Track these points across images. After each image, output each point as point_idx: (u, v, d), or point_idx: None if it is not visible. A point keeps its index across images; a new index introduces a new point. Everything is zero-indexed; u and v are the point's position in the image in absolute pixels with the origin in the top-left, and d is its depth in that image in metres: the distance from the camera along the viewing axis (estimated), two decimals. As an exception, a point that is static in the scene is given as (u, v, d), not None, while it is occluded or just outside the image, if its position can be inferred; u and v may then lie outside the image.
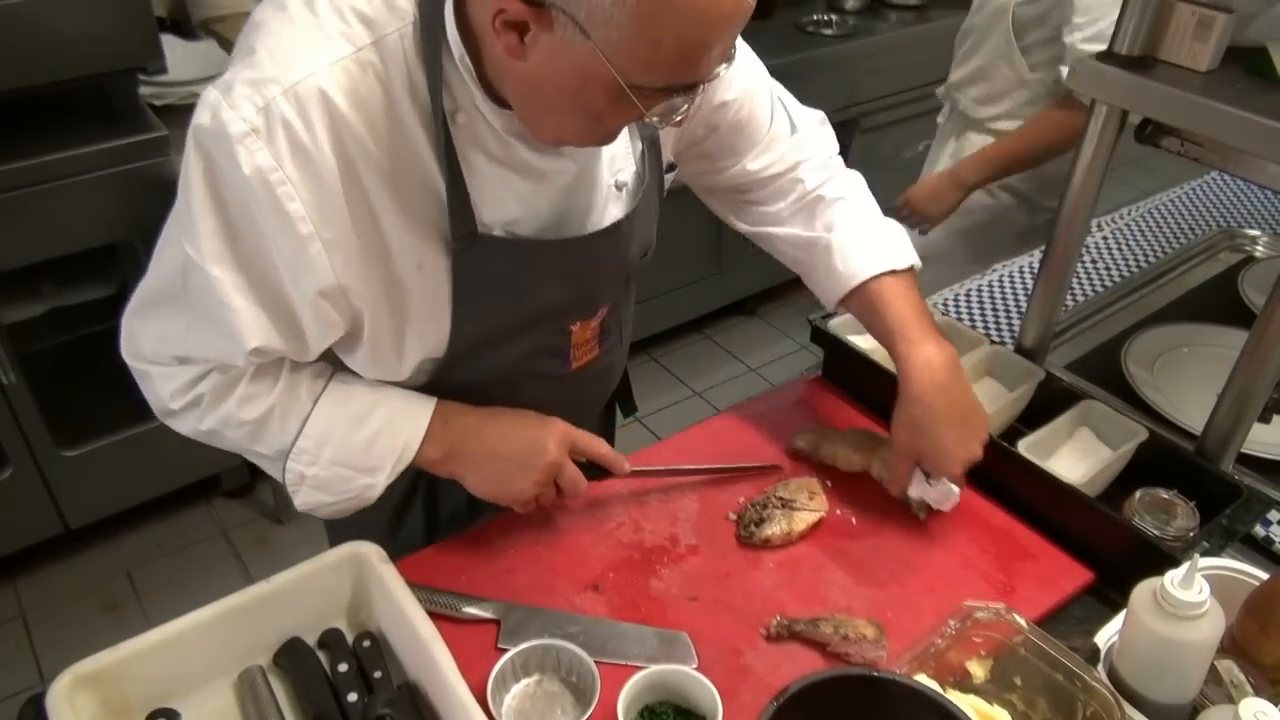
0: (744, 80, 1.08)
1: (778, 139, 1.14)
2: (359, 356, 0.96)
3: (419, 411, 0.98)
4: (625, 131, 0.99)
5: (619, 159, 1.01)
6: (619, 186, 1.01)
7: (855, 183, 1.20)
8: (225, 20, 2.43)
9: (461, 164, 0.87)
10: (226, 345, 0.88)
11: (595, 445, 1.04)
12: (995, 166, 1.85)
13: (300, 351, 0.92)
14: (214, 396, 0.94)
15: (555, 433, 1.00)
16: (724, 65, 0.80)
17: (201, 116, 0.80)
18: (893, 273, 1.12)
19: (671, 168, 1.13)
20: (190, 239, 0.84)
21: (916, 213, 1.95)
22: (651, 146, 1.04)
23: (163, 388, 0.96)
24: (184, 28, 2.40)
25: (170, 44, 2.10)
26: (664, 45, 0.73)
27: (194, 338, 0.91)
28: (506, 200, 0.92)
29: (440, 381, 1.01)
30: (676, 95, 0.80)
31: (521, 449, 0.99)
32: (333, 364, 1.00)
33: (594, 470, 1.05)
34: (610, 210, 1.02)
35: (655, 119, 0.82)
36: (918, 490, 1.10)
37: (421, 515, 1.18)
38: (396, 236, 0.87)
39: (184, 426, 0.99)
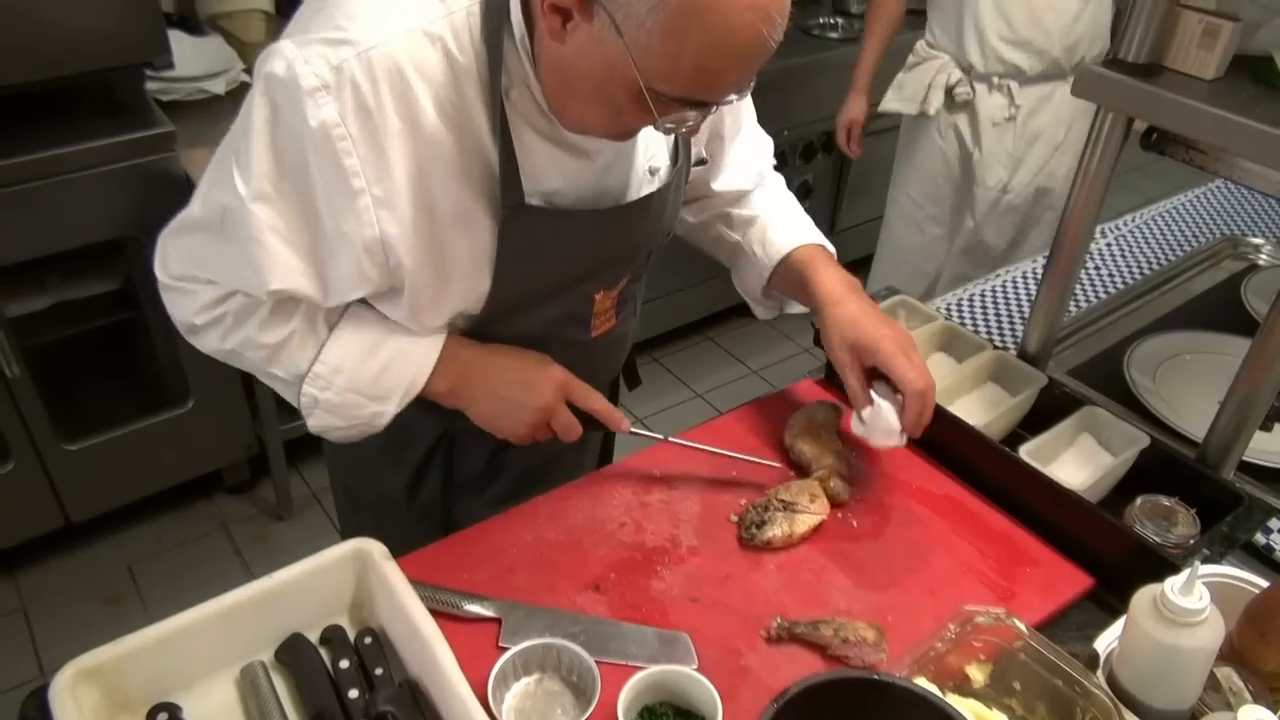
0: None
1: (752, 151, 1.25)
2: (400, 307, 1.00)
3: (429, 345, 1.03)
4: None
5: (653, 145, 1.07)
6: (652, 171, 1.08)
7: (781, 180, 1.32)
8: (232, 16, 2.44)
9: (513, 137, 0.92)
10: (251, 279, 0.94)
11: (592, 399, 1.08)
12: None
13: (319, 300, 0.97)
14: (237, 318, 0.99)
15: (550, 378, 1.05)
16: (737, 94, 0.86)
17: (275, 65, 0.84)
18: (820, 247, 1.23)
19: (701, 162, 1.19)
20: (242, 174, 0.89)
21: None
22: (684, 136, 1.09)
23: (189, 303, 1.01)
24: (191, 23, 2.40)
25: (177, 39, 2.11)
26: (684, 60, 0.79)
27: (223, 265, 0.96)
28: (551, 173, 0.98)
29: (472, 338, 1.06)
30: (689, 108, 0.86)
31: (516, 391, 1.04)
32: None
33: (592, 423, 1.09)
34: (643, 191, 1.08)
35: (667, 125, 0.87)
36: (869, 416, 1.08)
37: (439, 478, 1.21)
38: (449, 198, 0.93)
39: (207, 343, 1.04)
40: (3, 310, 1.95)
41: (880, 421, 1.07)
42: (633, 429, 1.12)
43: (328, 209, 0.89)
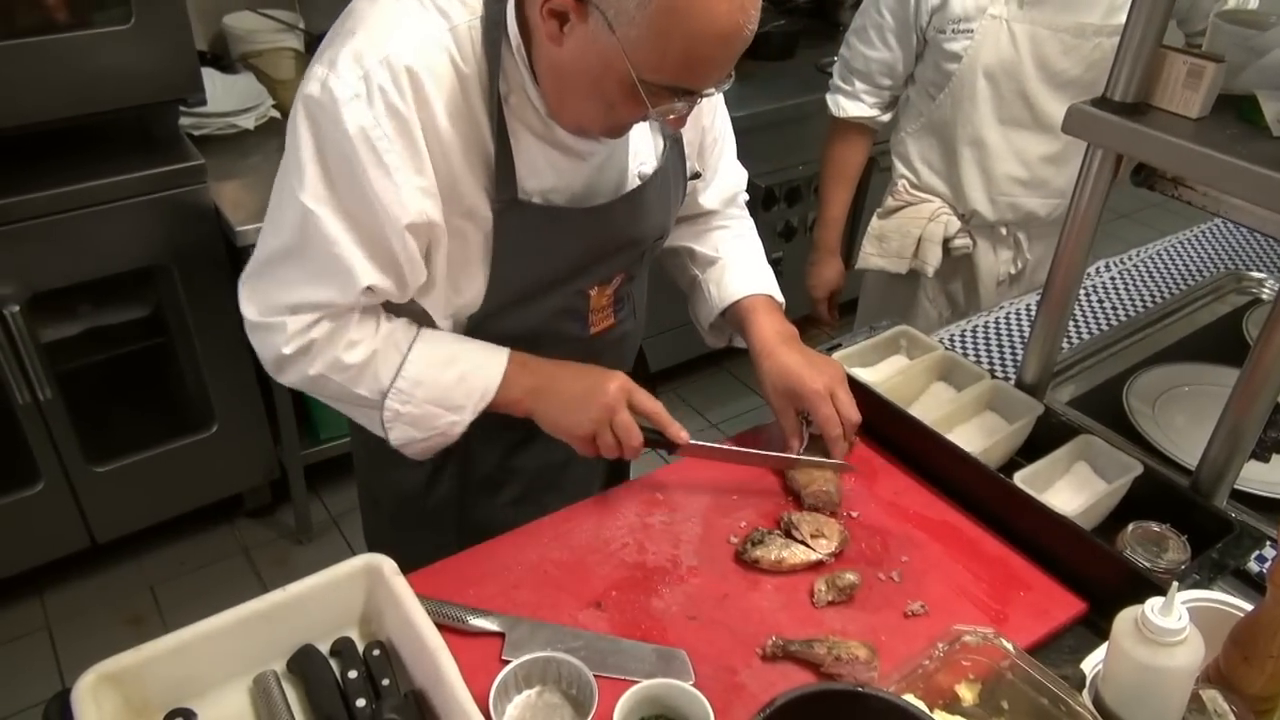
0: (723, 118, 1.31)
1: (729, 174, 1.36)
2: (411, 305, 1.11)
3: (498, 357, 1.12)
4: (647, 128, 1.16)
5: (642, 153, 1.17)
6: (641, 177, 1.17)
7: (750, 224, 1.41)
8: (263, 55, 2.52)
9: (510, 139, 1.02)
10: (342, 286, 1.02)
11: (652, 404, 1.13)
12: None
13: (401, 290, 1.06)
14: (324, 342, 1.06)
15: (615, 379, 1.12)
16: (721, 85, 0.97)
17: (310, 87, 0.96)
18: (767, 297, 1.32)
19: (696, 175, 1.27)
20: (305, 191, 0.98)
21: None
22: (674, 145, 1.19)
23: (277, 338, 1.06)
24: (224, 62, 2.50)
25: (210, 77, 2.19)
26: (670, 51, 0.90)
27: (311, 283, 1.03)
28: (545, 172, 1.07)
29: (474, 336, 1.14)
30: (677, 99, 0.95)
31: (584, 389, 1.11)
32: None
33: (651, 434, 1.15)
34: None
35: (656, 117, 0.97)
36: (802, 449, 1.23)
37: (455, 476, 1.27)
38: (458, 195, 1.03)
39: (294, 375, 1.09)
40: (37, 335, 2.01)
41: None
42: (691, 443, 1.17)
43: (381, 204, 0.97)
